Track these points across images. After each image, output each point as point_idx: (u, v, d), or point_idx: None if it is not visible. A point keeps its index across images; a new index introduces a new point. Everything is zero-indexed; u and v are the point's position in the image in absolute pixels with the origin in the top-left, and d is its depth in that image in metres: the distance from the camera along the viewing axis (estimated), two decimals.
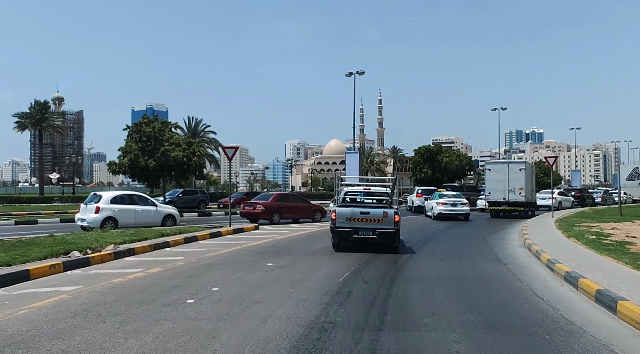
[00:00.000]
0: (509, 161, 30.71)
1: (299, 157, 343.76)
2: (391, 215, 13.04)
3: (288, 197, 27.17)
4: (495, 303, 7.71)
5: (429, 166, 56.20)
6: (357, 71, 43.38)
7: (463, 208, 28.64)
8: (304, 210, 26.67)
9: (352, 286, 8.78)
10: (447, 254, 13.62)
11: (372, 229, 13.01)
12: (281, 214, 25.16)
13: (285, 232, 19.75)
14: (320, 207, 28.17)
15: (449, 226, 23.48)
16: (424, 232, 20.66)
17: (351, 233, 13.13)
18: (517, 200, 29.81)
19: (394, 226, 13.01)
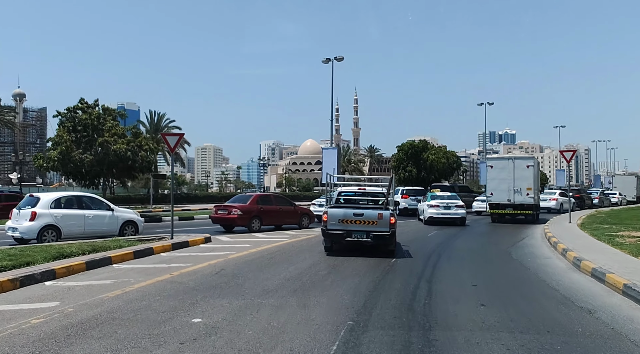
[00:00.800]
0: (514, 156, 26.35)
1: (274, 158, 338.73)
2: (386, 217, 12.39)
3: (270, 199, 22.33)
4: None
5: (413, 164, 51.63)
6: (335, 57, 38.84)
7: (458, 211, 24.77)
8: (289, 214, 22.15)
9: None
10: (483, 288, 8.97)
11: (366, 231, 12.39)
12: (262, 219, 20.61)
13: (245, 246, 14.87)
14: (307, 210, 23.62)
15: (450, 235, 19.08)
16: (424, 243, 16.16)
17: (344, 236, 12.50)
18: (524, 202, 25.46)
19: (389, 228, 12.35)
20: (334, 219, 12.54)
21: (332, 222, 12.54)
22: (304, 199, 66.38)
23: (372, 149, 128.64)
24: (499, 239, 17.77)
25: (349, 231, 12.47)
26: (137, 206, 43.99)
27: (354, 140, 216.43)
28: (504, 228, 22.80)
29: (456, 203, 25.27)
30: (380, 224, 12.34)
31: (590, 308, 7.29)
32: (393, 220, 12.51)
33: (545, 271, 10.77)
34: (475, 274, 10.44)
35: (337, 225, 12.52)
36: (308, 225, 22.75)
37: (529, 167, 25.55)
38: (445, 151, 55.90)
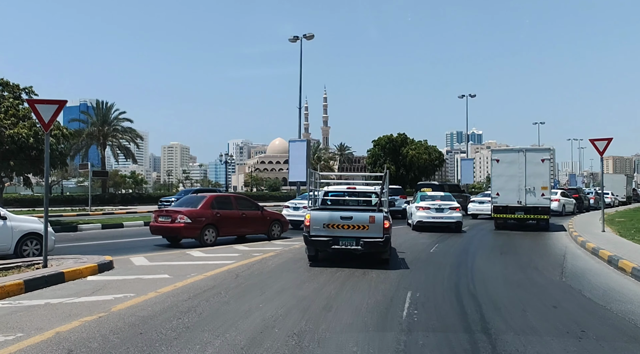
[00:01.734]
0: (526, 147, 21.49)
1: (242, 157, 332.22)
2: (379, 220, 10.59)
3: (229, 202, 16.75)
4: None
5: (391, 160, 46.43)
6: (304, 35, 33.46)
7: (453, 214, 20.64)
8: (255, 221, 16.99)
9: None
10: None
11: (356, 238, 10.58)
12: (218, 228, 15.58)
13: (165, 277, 9.47)
14: (279, 216, 18.32)
15: (458, 249, 14.22)
16: (431, 265, 11.02)
17: (329, 243, 10.69)
18: (538, 204, 20.57)
19: (382, 233, 10.55)
20: (318, 224, 10.82)
21: (315, 227, 10.84)
22: (270, 199, 60.78)
23: (342, 147, 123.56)
24: (531, 259, 12.72)
25: (336, 238, 10.71)
26: (74, 208, 37.92)
27: (324, 139, 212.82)
28: (516, 238, 17.89)
29: (450, 205, 20.96)
30: (372, 229, 10.61)
31: None
32: (387, 224, 10.70)
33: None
34: (566, 347, 5.24)
35: (321, 230, 10.81)
36: (280, 234, 17.64)
37: (544, 162, 20.65)
38: (426, 145, 50.78)
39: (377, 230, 10.57)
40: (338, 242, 10.66)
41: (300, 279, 9.38)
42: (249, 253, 13.03)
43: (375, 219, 10.60)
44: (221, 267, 10.63)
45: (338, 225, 10.68)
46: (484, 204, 27.99)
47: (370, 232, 10.58)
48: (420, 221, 20.75)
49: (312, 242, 10.93)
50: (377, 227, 10.57)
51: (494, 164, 21.44)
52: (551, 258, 12.77)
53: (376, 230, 10.57)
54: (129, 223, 22.55)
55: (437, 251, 13.91)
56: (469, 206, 28.54)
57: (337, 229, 10.69)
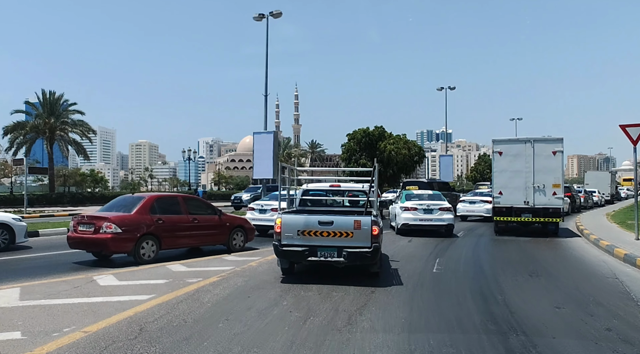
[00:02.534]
0: (534, 137, 17.84)
1: (212, 155, 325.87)
2: (366, 226, 8.47)
3: (176, 204, 12.76)
4: None
5: (367, 156, 42.63)
6: (270, 12, 29.60)
7: (444, 216, 17.98)
8: (210, 228, 13.18)
9: None
10: None
11: (338, 247, 8.52)
12: (160, 239, 11.77)
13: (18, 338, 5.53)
14: (242, 221, 14.57)
15: (467, 266, 10.55)
16: (440, 295, 7.26)
17: (305, 254, 8.61)
18: (549, 205, 17.18)
19: (371, 242, 8.46)
20: (291, 230, 8.66)
21: (288, 234, 8.67)
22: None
23: (314, 145, 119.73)
24: (577, 285, 9.22)
25: (313, 248, 8.57)
26: (7, 210, 33.13)
27: (295, 137, 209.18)
28: (530, 248, 14.59)
29: (440, 205, 18.24)
30: (358, 237, 8.49)
31: None
32: (376, 230, 8.51)
33: None
34: None
35: (295, 239, 8.64)
36: (244, 245, 13.94)
37: (555, 154, 17.27)
38: (405, 140, 47.10)
39: (364, 238, 8.50)
40: (316, 253, 8.60)
41: (246, 338, 5.59)
42: (182, 279, 9.14)
43: (361, 225, 8.50)
44: (125, 309, 6.75)
45: (316, 232, 8.61)
46: (476, 205, 24.67)
47: (356, 241, 8.52)
48: (406, 224, 17.96)
49: (283, 253, 8.83)
50: (363, 234, 8.50)
51: (495, 158, 17.95)
52: (603, 282, 9.27)
53: (362, 238, 8.51)
54: (54, 230, 18.21)
55: (443, 271, 10.27)
56: (458, 206, 25.11)
57: (315, 237, 8.64)
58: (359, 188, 11.30)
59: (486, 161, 77.62)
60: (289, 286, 8.50)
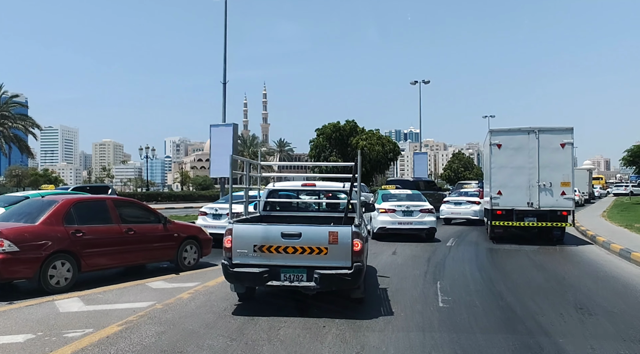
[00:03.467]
0: (539, 127, 14.97)
1: (179, 155, 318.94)
2: (345, 238, 6.37)
3: (104, 210, 9.49)
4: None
5: (338, 152, 39.51)
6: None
7: (425, 219, 15.91)
8: (151, 241, 10.11)
9: None
10: None
11: (308, 268, 6.43)
12: (80, 258, 8.60)
13: None
14: (196, 230, 11.34)
15: (480, 293, 7.51)
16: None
17: (264, 277, 6.45)
18: (556, 207, 14.51)
19: (351, 261, 6.35)
20: (245, 245, 6.50)
21: (241, 250, 6.50)
22: (199, 199, 52.63)
23: (282, 143, 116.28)
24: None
25: (275, 268, 6.46)
26: None
27: (263, 136, 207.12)
28: (542, 260, 11.87)
29: (421, 206, 16.16)
30: (335, 253, 6.34)
31: None
32: (359, 244, 6.32)
33: None
34: None
35: (251, 257, 6.50)
36: (197, 260, 10.87)
37: (564, 147, 14.53)
38: (379, 135, 44.18)
39: (342, 255, 6.45)
40: (278, 276, 6.56)
41: None
42: (61, 330, 5.87)
43: (338, 237, 6.43)
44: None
45: (278, 247, 6.55)
46: (462, 206, 21.87)
47: (331, 259, 6.45)
48: (383, 228, 15.81)
49: (235, 275, 6.66)
50: (341, 250, 6.44)
51: (493, 151, 15.09)
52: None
53: (340, 255, 6.45)
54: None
55: (454, 305, 7.22)
56: (442, 207, 22.26)
57: (277, 254, 6.56)
58: (339, 187, 8.88)
59: (461, 159, 75.72)
60: (235, 328, 5.41)
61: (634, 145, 45.82)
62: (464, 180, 64.52)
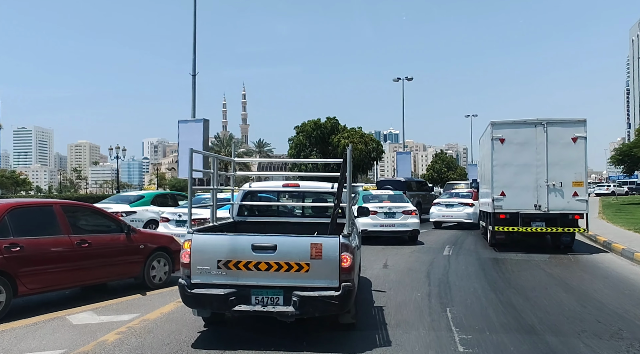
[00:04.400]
0: (547, 119, 13.15)
1: (157, 156, 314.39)
2: (331, 251, 5.16)
3: (50, 217, 7.38)
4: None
5: (318, 151, 37.37)
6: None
7: (408, 221, 15.28)
8: (109, 255, 8.13)
9: None
10: None
11: (285, 288, 5.22)
12: (17, 279, 6.64)
13: None
14: (166, 240, 9.42)
15: (507, 325, 5.51)
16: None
17: (230, 300, 5.18)
18: (568, 210, 12.79)
19: (338, 280, 5.15)
20: (208, 261, 5.27)
21: (202, 267, 5.27)
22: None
23: (261, 144, 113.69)
24: None
25: (244, 289, 5.22)
26: None
27: (243, 137, 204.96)
28: (563, 274, 10.09)
29: (404, 208, 15.52)
30: (318, 271, 5.14)
31: None
32: (348, 260, 5.12)
33: None
34: None
35: (214, 275, 5.25)
36: (169, 276, 9.10)
37: (576, 142, 12.79)
38: (361, 133, 42.02)
39: (327, 272, 5.09)
40: (248, 299, 5.18)
41: None
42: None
43: (322, 251, 5.07)
44: None
45: (248, 263, 5.15)
46: (454, 208, 20.07)
47: (313, 277, 5.10)
48: (365, 230, 14.61)
49: (194, 298, 5.22)
50: (326, 266, 5.08)
51: (496, 147, 13.26)
52: None
53: (325, 272, 5.09)
54: None
55: (476, 348, 5.32)
56: (432, 209, 20.46)
57: (247, 272, 5.16)
58: (327, 188, 7.39)
59: (443, 159, 74.27)
60: None
61: (622, 144, 44.58)
62: (447, 180, 63.17)
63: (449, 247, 13.99)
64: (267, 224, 7.25)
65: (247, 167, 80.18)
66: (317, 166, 32.87)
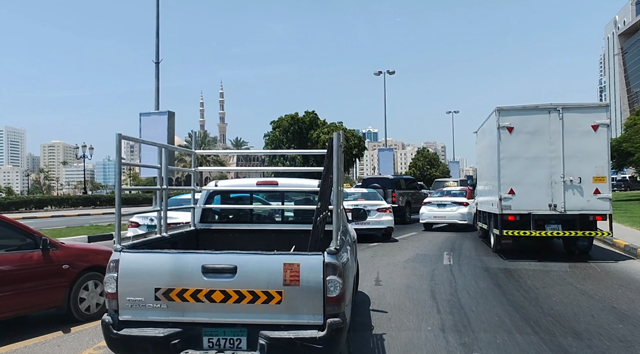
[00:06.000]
0: (563, 104, 11.23)
1: (133, 157, 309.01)
2: (312, 275, 3.69)
3: None
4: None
5: (296, 147, 35.05)
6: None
7: (382, 218, 15.03)
8: (20, 280, 6.00)
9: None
10: None
11: (249, 326, 3.75)
12: None
13: None
14: (102, 255, 6.90)
15: None
16: None
17: (172, 345, 3.68)
18: (588, 210, 10.97)
19: (323, 314, 3.66)
20: (142, 289, 3.86)
21: (133, 298, 3.85)
22: (144, 202, 47.76)
23: (238, 142, 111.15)
24: None
25: (192, 328, 3.79)
26: None
27: (221, 136, 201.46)
28: (602, 293, 8.19)
29: (378, 206, 15.27)
30: (294, 302, 3.69)
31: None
32: (337, 286, 3.66)
33: None
34: None
35: (151, 309, 3.82)
36: (104, 305, 6.20)
37: (597, 130, 10.96)
38: (342, 128, 38.53)
39: (307, 304, 3.73)
40: (198, 342, 3.84)
41: None
42: None
43: (299, 273, 3.71)
44: None
45: (198, 292, 3.80)
46: (446, 209, 18.17)
47: (288, 312, 3.74)
48: None
49: (122, 342, 3.86)
50: (305, 295, 3.73)
51: (503, 137, 11.33)
52: None
53: (304, 304, 3.74)
54: None
55: None
56: (422, 210, 18.54)
57: (196, 304, 3.80)
58: (314, 187, 5.80)
59: (426, 156, 72.62)
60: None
61: (611, 139, 43.19)
62: (430, 178, 61.52)
63: (448, 255, 12.06)
64: (238, 234, 5.96)
65: (221, 163, 77.40)
66: (295, 160, 30.78)
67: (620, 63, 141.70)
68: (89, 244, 10.13)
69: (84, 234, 16.50)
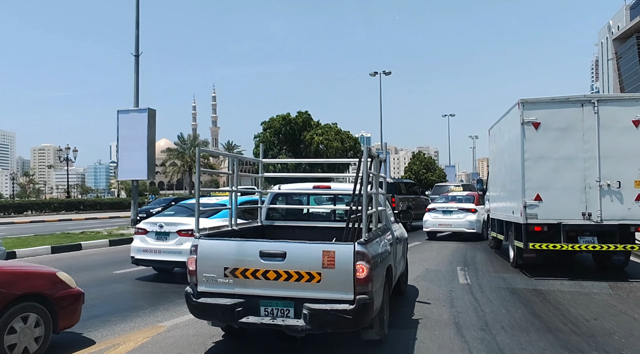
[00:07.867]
0: (598, 96, 9.69)
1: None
2: (344, 260, 4.74)
3: None
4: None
5: (288, 150, 33.38)
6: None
7: None
8: None
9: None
10: None
11: (295, 300, 4.87)
12: None
13: None
14: (45, 279, 5.35)
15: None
16: None
17: (236, 312, 4.89)
18: (628, 220, 9.37)
19: (353, 291, 4.71)
20: (214, 268, 5.07)
21: (208, 275, 5.08)
22: (129, 207, 46.04)
23: (230, 146, 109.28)
24: None
25: (252, 299, 4.96)
26: None
27: (213, 140, 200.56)
28: None
29: None
30: (330, 281, 4.76)
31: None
32: (364, 270, 4.68)
33: None
34: None
35: (220, 283, 5.03)
36: (46, 343, 5.20)
37: (639, 127, 9.38)
38: (337, 130, 37.73)
39: (340, 283, 4.72)
40: (256, 310, 4.92)
41: None
42: None
43: (335, 259, 4.71)
44: None
45: (256, 271, 4.90)
46: (452, 216, 16.59)
47: (325, 289, 4.76)
48: None
49: (199, 308, 5.06)
50: (339, 276, 4.72)
51: (528, 134, 9.74)
52: None
53: (338, 283, 4.73)
54: None
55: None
56: (425, 217, 16.96)
57: (256, 280, 4.91)
58: (347, 190, 7.00)
59: (422, 160, 71.17)
60: None
61: None
62: (426, 182, 60.02)
63: (462, 271, 10.46)
64: (296, 229, 7.00)
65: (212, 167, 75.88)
66: (287, 166, 29.21)
67: (615, 68, 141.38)
68: (30, 264, 8.07)
69: (49, 244, 14.70)
